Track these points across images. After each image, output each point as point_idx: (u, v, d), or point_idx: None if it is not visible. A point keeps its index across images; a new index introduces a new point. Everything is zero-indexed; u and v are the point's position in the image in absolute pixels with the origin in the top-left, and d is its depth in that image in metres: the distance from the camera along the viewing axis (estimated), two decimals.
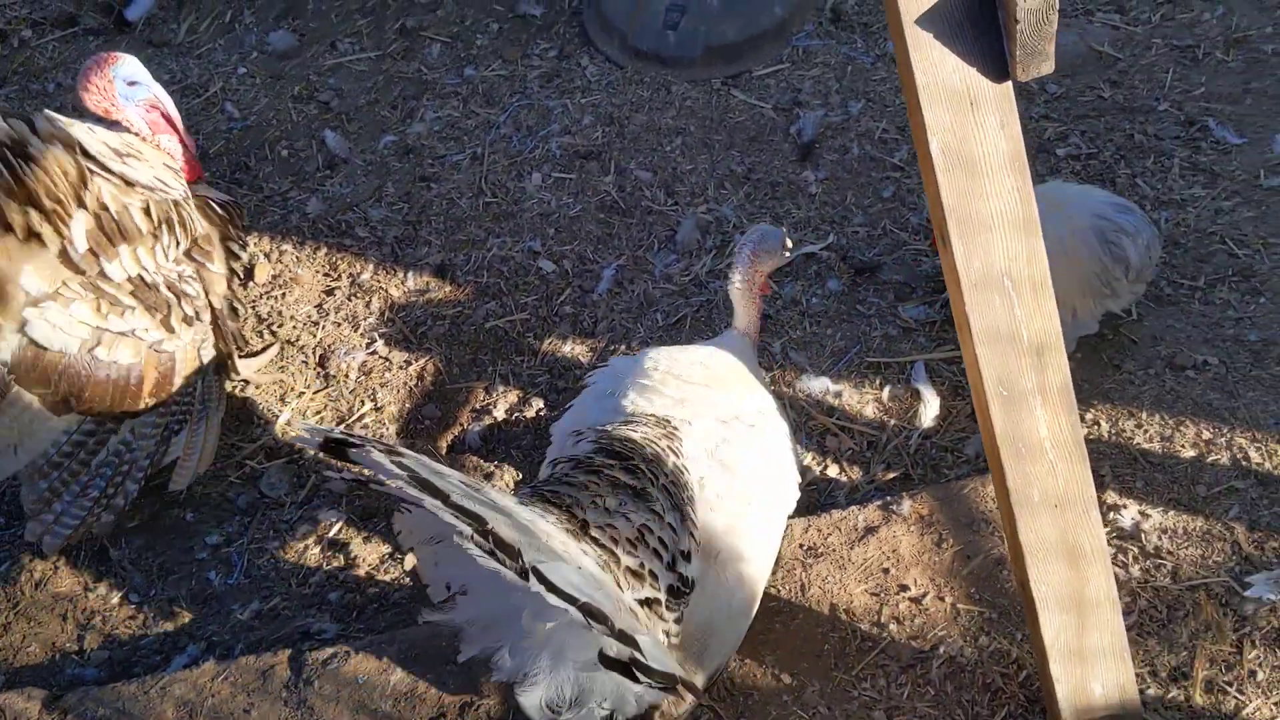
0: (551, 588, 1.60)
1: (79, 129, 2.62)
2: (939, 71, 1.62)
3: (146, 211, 2.63)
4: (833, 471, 2.76)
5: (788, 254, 2.45)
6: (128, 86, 2.77)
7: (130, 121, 2.79)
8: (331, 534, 2.83)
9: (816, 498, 2.72)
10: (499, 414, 2.99)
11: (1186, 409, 2.69)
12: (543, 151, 3.64)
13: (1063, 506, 1.90)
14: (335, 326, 3.25)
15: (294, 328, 3.26)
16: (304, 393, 3.12)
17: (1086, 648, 2.02)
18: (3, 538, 2.93)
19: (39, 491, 2.68)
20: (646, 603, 1.91)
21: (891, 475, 2.74)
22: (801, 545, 2.49)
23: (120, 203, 2.58)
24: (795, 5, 3.84)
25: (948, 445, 2.76)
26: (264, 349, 3.19)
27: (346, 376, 3.14)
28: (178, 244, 2.72)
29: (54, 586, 2.84)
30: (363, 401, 3.08)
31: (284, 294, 3.34)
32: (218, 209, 2.88)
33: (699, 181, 3.47)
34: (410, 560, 2.75)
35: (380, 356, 3.17)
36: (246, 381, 3.13)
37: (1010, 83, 1.63)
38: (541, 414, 2.98)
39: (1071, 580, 1.96)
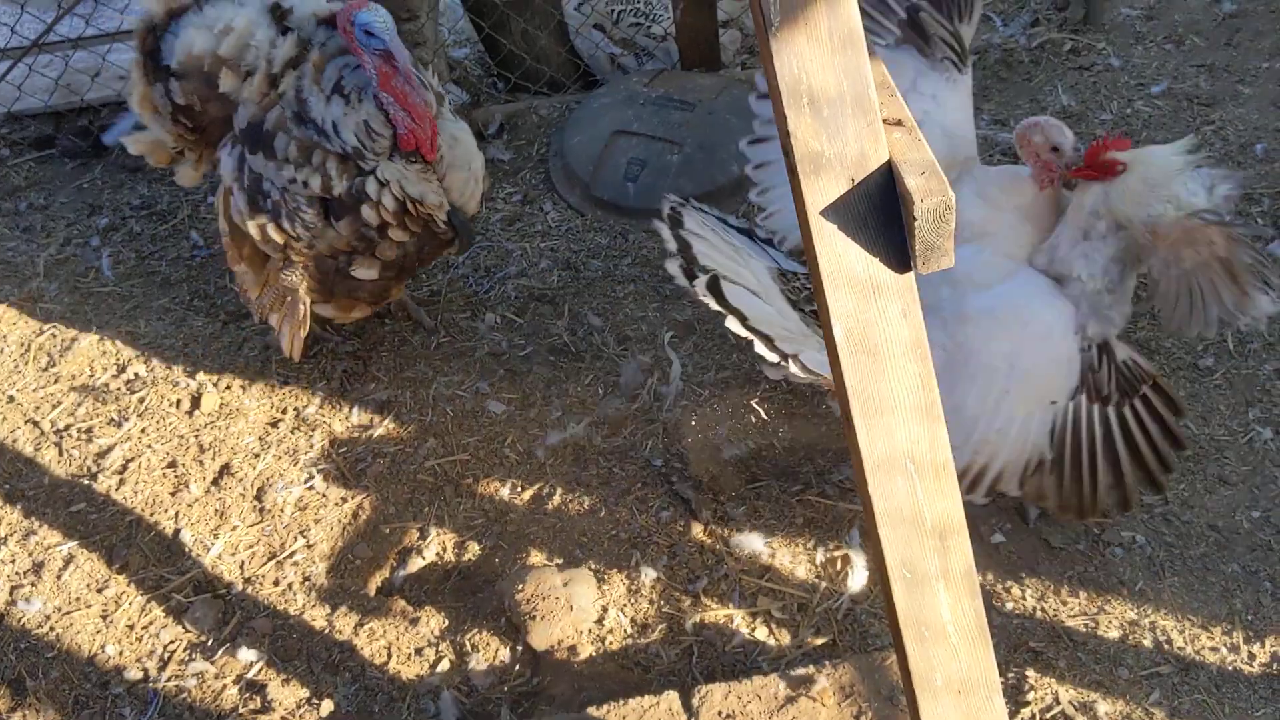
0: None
1: (341, 61, 2.98)
2: (843, 260, 1.66)
3: (295, 141, 2.97)
4: (761, 634, 2.74)
5: (1064, 158, 2.77)
6: (365, 35, 2.85)
7: (366, 68, 2.90)
8: (251, 674, 2.79)
9: (742, 661, 2.69)
10: (429, 556, 2.97)
11: (1113, 588, 2.69)
12: (498, 293, 3.70)
13: (965, 692, 1.89)
14: (276, 459, 3.25)
15: (236, 459, 3.26)
16: (238, 526, 3.10)
17: None
18: None
19: None
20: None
21: (820, 641, 2.72)
22: (720, 713, 2.46)
23: (280, 124, 2.99)
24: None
25: (877, 612, 2.75)
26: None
27: (282, 511, 3.12)
28: (304, 184, 2.98)
29: None
30: (295, 537, 3.06)
31: (228, 424, 3.35)
32: (381, 194, 2.99)
33: (649, 329, 3.52)
34: (327, 706, 2.70)
35: (318, 492, 3.16)
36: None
37: (912, 273, 1.68)
38: (473, 560, 2.97)
39: None
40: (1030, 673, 2.54)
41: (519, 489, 3.12)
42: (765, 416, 3.22)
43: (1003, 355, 2.67)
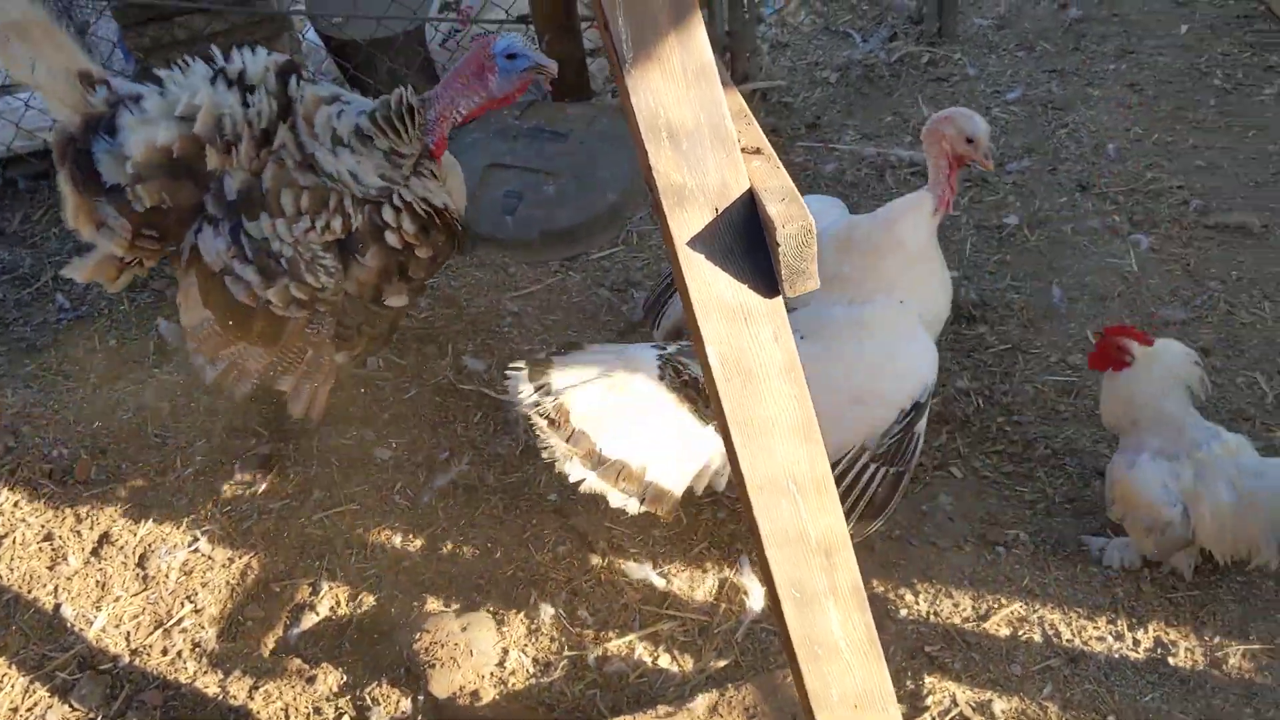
0: None
1: (325, 111, 2.81)
2: (712, 288, 1.68)
3: (307, 191, 2.81)
4: (664, 662, 2.74)
5: (980, 148, 2.64)
6: (507, 60, 2.75)
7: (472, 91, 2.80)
8: None
9: (648, 691, 2.69)
10: (323, 611, 2.91)
11: (1000, 586, 2.76)
12: None
13: (862, 705, 1.91)
14: (157, 524, 3.15)
15: (115, 527, 3.14)
16: (120, 596, 2.99)
17: None
18: None
19: None
20: None
21: (722, 663, 2.72)
22: None
23: (283, 179, 2.81)
24: (625, 191, 3.96)
25: (775, 629, 2.77)
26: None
27: (166, 577, 3.02)
28: (324, 229, 2.83)
29: None
30: (182, 603, 2.96)
31: (105, 491, 3.23)
32: (399, 219, 2.88)
33: None
34: None
35: (203, 555, 3.07)
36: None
37: (781, 297, 1.70)
38: (368, 612, 2.91)
39: None
40: (927, 677, 2.58)
41: (411, 536, 3.07)
42: None
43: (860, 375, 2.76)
